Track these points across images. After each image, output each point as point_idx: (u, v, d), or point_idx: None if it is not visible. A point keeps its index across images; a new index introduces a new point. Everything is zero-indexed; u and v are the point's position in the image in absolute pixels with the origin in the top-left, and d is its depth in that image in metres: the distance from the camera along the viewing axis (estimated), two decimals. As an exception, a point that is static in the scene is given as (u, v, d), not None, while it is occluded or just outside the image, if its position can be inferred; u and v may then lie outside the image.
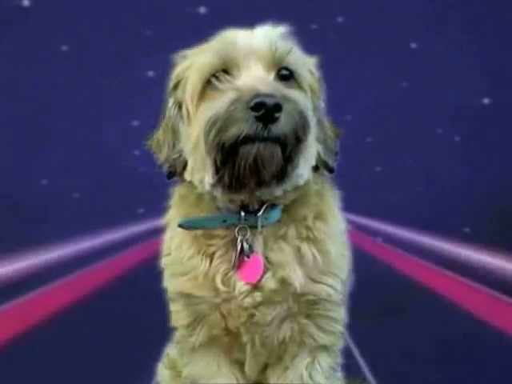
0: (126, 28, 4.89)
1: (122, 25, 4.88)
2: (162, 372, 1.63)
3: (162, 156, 1.27)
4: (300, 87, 1.22)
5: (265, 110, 1.06)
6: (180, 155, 1.24)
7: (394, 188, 5.24)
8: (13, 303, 3.13)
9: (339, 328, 1.35)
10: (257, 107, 1.06)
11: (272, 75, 1.18)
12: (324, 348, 1.35)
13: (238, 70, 1.17)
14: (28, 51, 4.75)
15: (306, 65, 1.25)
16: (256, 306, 1.26)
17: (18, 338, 2.60)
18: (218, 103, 1.11)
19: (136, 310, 2.86)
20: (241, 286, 1.24)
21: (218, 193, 1.18)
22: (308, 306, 1.29)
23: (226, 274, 1.25)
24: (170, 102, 1.28)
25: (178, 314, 1.37)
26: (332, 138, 1.30)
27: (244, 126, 1.08)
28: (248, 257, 1.24)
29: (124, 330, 2.64)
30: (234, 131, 1.08)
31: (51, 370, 2.22)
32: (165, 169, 1.28)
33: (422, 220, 4.94)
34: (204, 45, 1.25)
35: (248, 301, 1.24)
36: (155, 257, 1.41)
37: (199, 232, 1.27)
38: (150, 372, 1.77)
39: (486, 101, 4.85)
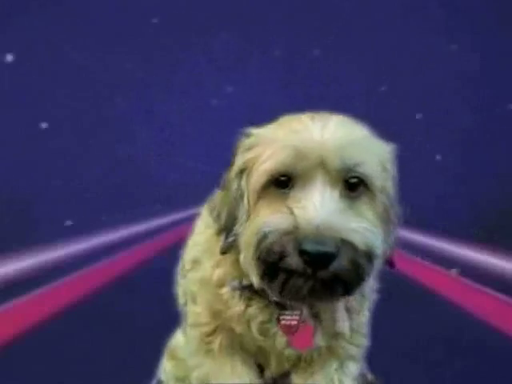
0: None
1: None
2: (165, 365, 1.65)
3: (219, 224, 1.23)
4: (369, 192, 1.15)
5: (315, 259, 1.01)
6: (235, 239, 1.19)
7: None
8: (13, 303, 3.12)
9: (365, 341, 1.42)
10: (307, 253, 1.01)
11: (338, 188, 1.10)
12: (351, 357, 1.40)
13: (302, 181, 1.10)
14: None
15: (379, 165, 1.17)
16: None
17: (18, 338, 2.60)
18: (273, 221, 1.07)
19: (136, 310, 2.86)
20: (282, 341, 1.24)
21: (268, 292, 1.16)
22: None
23: (262, 324, 1.24)
24: (234, 185, 1.20)
25: (197, 317, 1.34)
26: (396, 226, 1.24)
27: (291, 262, 1.04)
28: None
29: (124, 330, 2.64)
30: (281, 262, 1.05)
31: (51, 369, 2.22)
32: (228, 240, 1.21)
33: (422, 220, 4.94)
34: (275, 127, 1.20)
35: (289, 351, 1.27)
36: (155, 257, 1.41)
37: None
38: (151, 371, 1.77)
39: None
